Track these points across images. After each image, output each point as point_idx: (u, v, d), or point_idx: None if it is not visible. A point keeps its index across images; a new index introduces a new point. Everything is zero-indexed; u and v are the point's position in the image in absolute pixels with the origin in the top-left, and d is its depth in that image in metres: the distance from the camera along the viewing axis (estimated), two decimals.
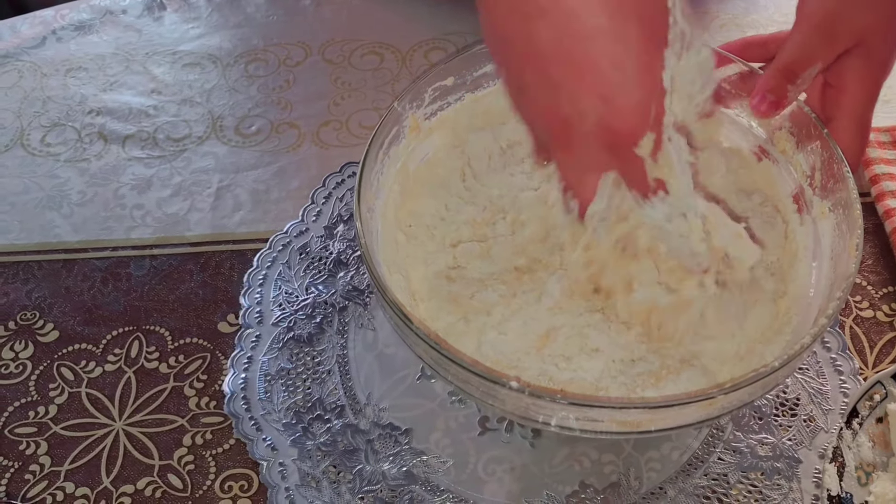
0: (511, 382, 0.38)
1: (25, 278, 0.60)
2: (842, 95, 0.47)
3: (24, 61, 0.76)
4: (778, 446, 0.49)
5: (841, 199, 0.45)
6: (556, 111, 0.37)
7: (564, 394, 0.40)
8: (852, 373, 0.52)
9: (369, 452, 0.50)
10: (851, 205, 0.44)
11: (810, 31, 0.45)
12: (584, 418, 0.40)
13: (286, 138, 0.68)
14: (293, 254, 0.60)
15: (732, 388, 0.38)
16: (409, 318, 0.41)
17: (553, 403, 0.38)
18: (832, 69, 0.47)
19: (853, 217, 0.44)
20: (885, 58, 0.47)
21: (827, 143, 0.46)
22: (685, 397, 0.39)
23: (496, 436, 0.51)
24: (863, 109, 0.47)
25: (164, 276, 0.60)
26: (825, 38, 0.45)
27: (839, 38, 0.45)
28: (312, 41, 0.75)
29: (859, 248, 0.42)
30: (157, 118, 0.70)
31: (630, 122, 0.36)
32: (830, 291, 0.43)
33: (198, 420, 0.53)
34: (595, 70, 0.36)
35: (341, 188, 0.63)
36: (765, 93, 0.46)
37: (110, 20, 0.79)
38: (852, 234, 0.43)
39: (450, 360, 0.39)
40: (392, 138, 0.50)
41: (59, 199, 0.65)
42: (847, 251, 0.43)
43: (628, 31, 0.36)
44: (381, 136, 0.49)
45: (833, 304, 0.41)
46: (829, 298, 0.43)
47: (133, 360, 0.56)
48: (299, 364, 0.54)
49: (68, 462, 0.52)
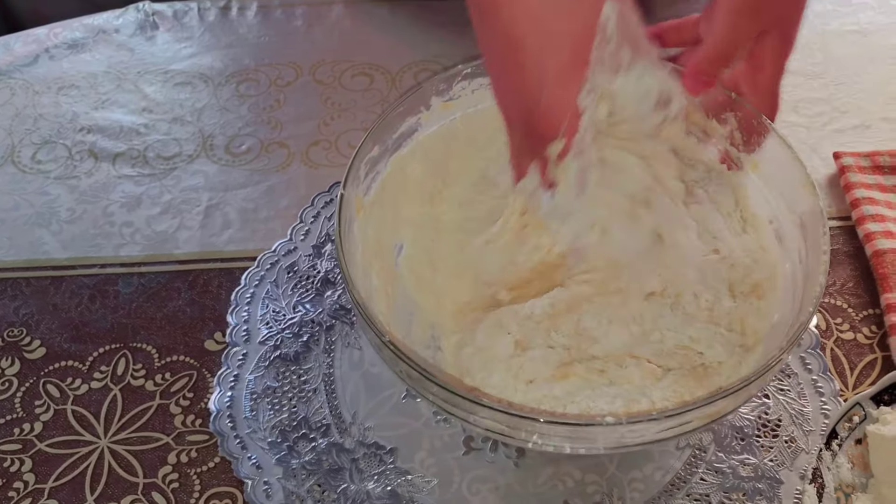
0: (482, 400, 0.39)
1: (13, 294, 0.61)
2: (757, 73, 0.49)
3: (16, 79, 0.76)
4: (760, 467, 0.50)
5: (771, 146, 0.49)
6: (502, 96, 0.45)
7: (539, 412, 0.40)
8: (833, 394, 0.52)
9: (354, 472, 0.51)
10: (784, 148, 0.48)
11: (737, 14, 0.47)
12: (559, 436, 0.40)
13: (276, 157, 0.69)
14: (281, 272, 0.60)
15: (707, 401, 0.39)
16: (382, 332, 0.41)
17: (530, 422, 0.39)
18: (751, 49, 0.49)
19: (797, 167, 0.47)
20: (795, 32, 0.49)
21: (740, 105, 0.49)
22: (657, 413, 0.39)
23: (481, 455, 0.51)
24: (775, 85, 0.49)
25: (151, 294, 0.60)
26: (749, 20, 0.47)
27: (761, 19, 0.47)
28: (303, 62, 0.76)
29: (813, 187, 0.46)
30: (148, 136, 0.71)
31: (543, 124, 0.43)
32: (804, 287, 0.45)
33: (183, 438, 0.53)
34: (524, 74, 0.42)
35: (330, 207, 0.64)
36: (698, 74, 0.48)
37: (103, 39, 0.79)
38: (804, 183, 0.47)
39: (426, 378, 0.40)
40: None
41: (49, 216, 0.65)
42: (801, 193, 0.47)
43: (554, 43, 0.42)
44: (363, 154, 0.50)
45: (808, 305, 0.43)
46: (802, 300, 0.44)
47: (119, 377, 0.56)
48: (285, 382, 0.55)
49: (52, 479, 0.51)
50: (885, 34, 0.77)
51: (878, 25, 0.78)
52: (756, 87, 0.49)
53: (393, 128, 0.52)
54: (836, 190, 0.64)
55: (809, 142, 0.68)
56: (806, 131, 0.69)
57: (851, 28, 0.78)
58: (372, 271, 0.49)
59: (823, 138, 0.68)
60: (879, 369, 0.54)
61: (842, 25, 0.78)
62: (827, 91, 0.72)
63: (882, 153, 0.64)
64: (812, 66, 0.74)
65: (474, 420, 0.41)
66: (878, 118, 0.70)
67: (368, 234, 0.50)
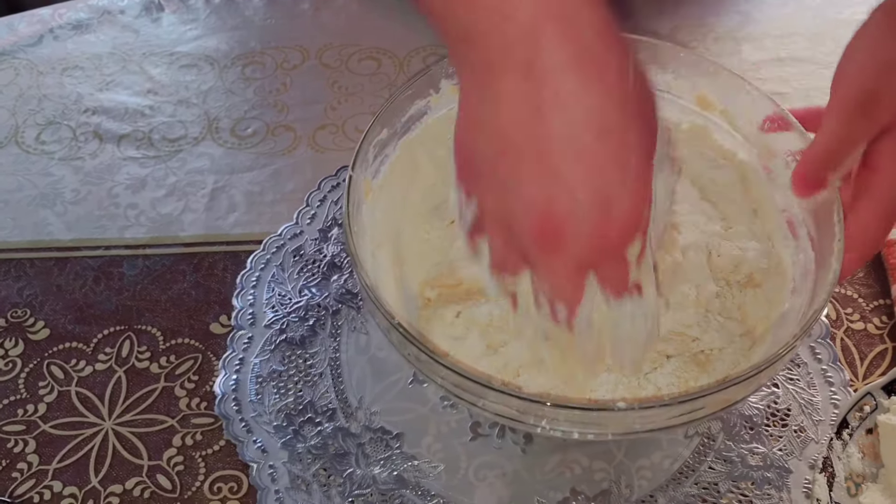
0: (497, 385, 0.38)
1: (17, 276, 0.60)
2: (874, 175, 0.43)
3: (20, 59, 0.76)
4: (769, 456, 0.49)
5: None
6: (550, 208, 0.36)
7: (547, 397, 0.40)
8: (843, 384, 0.52)
9: (360, 456, 0.50)
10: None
11: (848, 114, 0.42)
12: (569, 421, 0.40)
13: (282, 141, 0.68)
14: (287, 256, 0.60)
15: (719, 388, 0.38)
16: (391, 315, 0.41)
17: (540, 407, 0.39)
18: (867, 149, 0.44)
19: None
20: None
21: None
22: (669, 399, 0.39)
23: (488, 441, 0.51)
24: (894, 191, 0.43)
25: (156, 276, 0.60)
26: (863, 119, 0.42)
27: (877, 117, 0.42)
28: (310, 45, 0.76)
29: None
30: (153, 118, 0.70)
31: (628, 227, 0.36)
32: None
33: (188, 421, 0.53)
34: (598, 169, 0.35)
35: (336, 191, 0.63)
36: (805, 177, 0.45)
37: (108, 20, 0.79)
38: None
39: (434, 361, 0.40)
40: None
41: (53, 198, 0.65)
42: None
43: (632, 133, 0.36)
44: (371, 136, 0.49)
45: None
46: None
47: (124, 359, 0.56)
48: (291, 366, 0.54)
49: (56, 461, 0.51)
50: None
51: None
52: (870, 190, 0.43)
53: (402, 111, 0.51)
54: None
55: None
56: None
57: (863, 17, 0.77)
58: (380, 254, 0.49)
59: None
60: (890, 360, 0.54)
61: (853, 14, 0.77)
62: None
63: None
64: (824, 55, 0.73)
65: (483, 405, 0.41)
66: None
67: (377, 217, 0.49)
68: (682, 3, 0.78)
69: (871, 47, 0.43)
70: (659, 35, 0.75)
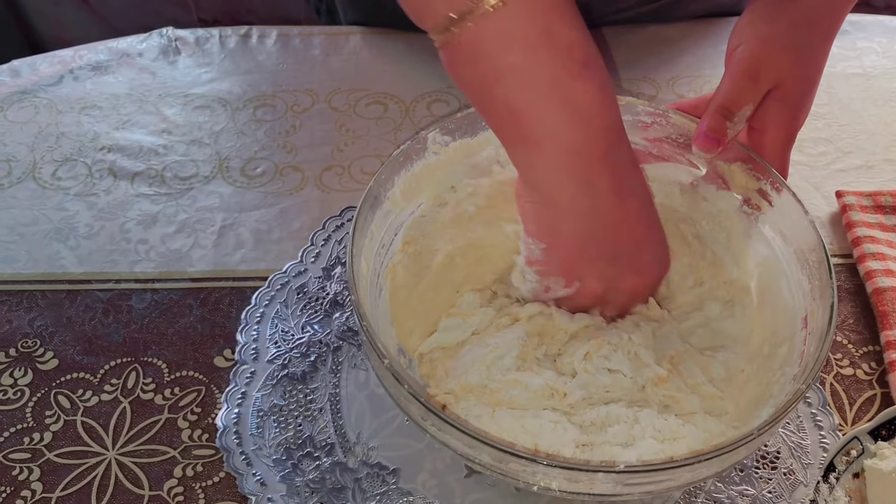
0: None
1: (29, 307, 0.62)
2: (763, 136, 0.52)
3: (40, 98, 0.78)
4: (758, 499, 0.50)
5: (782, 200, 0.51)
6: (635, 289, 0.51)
7: (538, 453, 0.41)
8: (832, 428, 0.53)
9: (357, 491, 0.51)
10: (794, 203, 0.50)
11: (739, 75, 0.51)
12: (558, 478, 0.41)
13: (290, 181, 0.71)
14: (291, 293, 0.61)
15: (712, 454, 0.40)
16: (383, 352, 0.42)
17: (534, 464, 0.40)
18: (755, 114, 0.52)
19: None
20: (799, 97, 0.53)
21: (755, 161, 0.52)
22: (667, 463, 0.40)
23: (482, 478, 0.52)
24: (781, 148, 0.53)
25: (164, 310, 0.62)
26: (751, 79, 0.51)
27: (761, 79, 0.51)
28: (320, 89, 0.78)
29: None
30: (166, 157, 0.73)
31: (653, 291, 0.52)
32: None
33: (189, 452, 0.54)
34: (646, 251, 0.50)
35: (340, 231, 0.65)
36: (706, 131, 0.51)
37: (126, 62, 0.82)
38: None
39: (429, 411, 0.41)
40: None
41: (67, 232, 0.67)
42: None
43: (653, 210, 0.50)
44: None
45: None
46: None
47: (129, 390, 0.57)
48: (292, 401, 0.56)
49: (60, 489, 0.52)
50: (889, 78, 0.79)
51: (883, 69, 0.80)
52: (763, 149, 0.52)
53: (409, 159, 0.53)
54: (838, 228, 0.65)
55: (812, 180, 0.69)
56: (809, 169, 0.70)
57: (856, 71, 0.80)
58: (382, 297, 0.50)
59: (826, 177, 0.70)
60: (878, 405, 0.55)
61: (846, 68, 0.80)
62: (831, 131, 0.74)
63: (884, 193, 0.65)
64: (817, 106, 0.75)
65: (478, 460, 0.42)
66: (881, 159, 0.71)
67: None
68: (682, 55, 0.81)
69: (754, 22, 0.53)
70: (657, 83, 0.78)
